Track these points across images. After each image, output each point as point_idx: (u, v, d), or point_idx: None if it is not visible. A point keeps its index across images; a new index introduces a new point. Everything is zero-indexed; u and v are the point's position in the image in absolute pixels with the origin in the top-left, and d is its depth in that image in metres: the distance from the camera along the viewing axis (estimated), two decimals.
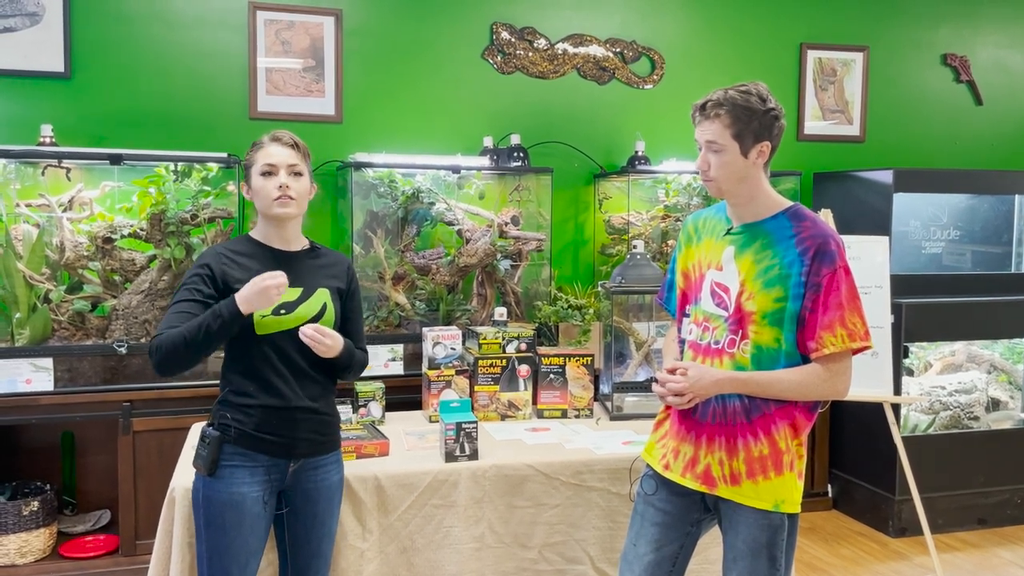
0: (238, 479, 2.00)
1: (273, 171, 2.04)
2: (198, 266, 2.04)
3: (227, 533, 1.99)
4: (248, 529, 2.01)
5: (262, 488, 2.02)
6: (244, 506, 1.99)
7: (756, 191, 1.94)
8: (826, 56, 4.54)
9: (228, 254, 2.06)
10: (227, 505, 1.99)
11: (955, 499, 3.99)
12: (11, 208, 3.25)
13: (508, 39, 4.05)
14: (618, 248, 4.06)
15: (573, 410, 3.05)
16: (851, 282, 1.86)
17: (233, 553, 2.00)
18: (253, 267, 2.03)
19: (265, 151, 2.05)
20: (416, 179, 3.68)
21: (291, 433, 2.04)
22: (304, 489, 2.10)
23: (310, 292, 2.08)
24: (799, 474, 1.92)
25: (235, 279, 2.01)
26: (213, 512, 2.00)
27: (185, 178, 3.34)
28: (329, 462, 2.14)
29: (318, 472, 2.11)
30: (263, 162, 2.04)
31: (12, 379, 3.16)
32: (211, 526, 2.00)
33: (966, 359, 4.16)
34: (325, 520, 2.14)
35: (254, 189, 2.07)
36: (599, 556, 2.54)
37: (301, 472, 2.08)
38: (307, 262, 2.12)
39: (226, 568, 2.01)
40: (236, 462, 2.01)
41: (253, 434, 2.01)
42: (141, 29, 3.61)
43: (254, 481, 2.01)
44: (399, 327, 3.65)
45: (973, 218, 4.30)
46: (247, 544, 2.01)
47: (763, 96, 1.89)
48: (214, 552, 2.01)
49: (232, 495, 1.99)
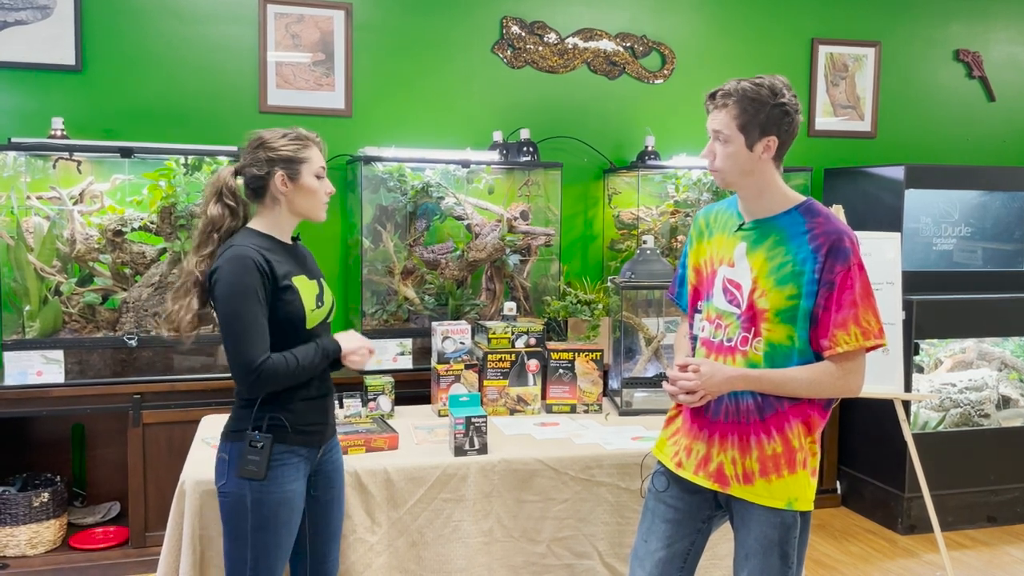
0: (288, 477, 1.98)
1: (324, 175, 2.07)
2: (249, 270, 1.91)
3: (278, 532, 1.97)
4: (295, 524, 2.03)
5: (304, 481, 2.04)
6: (295, 503, 2.00)
7: (766, 186, 1.92)
8: (837, 51, 4.52)
9: (260, 250, 1.96)
10: (280, 504, 1.96)
11: (965, 497, 3.97)
12: (22, 201, 3.26)
13: (518, 33, 4.04)
14: (627, 243, 4.05)
15: (582, 405, 3.05)
16: (865, 279, 1.85)
17: (282, 551, 2.00)
18: (285, 261, 2.00)
19: (318, 154, 2.06)
20: (425, 173, 3.68)
21: (324, 420, 2.09)
22: (325, 472, 2.13)
23: (321, 282, 2.11)
24: (812, 472, 1.91)
25: (281, 274, 1.96)
26: (266, 514, 1.95)
27: (195, 171, 3.35)
28: (335, 442, 2.20)
29: (333, 453, 2.17)
30: (319, 164, 2.05)
31: (23, 371, 3.17)
32: (262, 528, 1.95)
33: (977, 356, 4.14)
34: (339, 500, 2.19)
35: (306, 186, 2.01)
36: (608, 551, 2.54)
37: (322, 456, 2.11)
38: (304, 253, 2.15)
39: (271, 567, 1.99)
40: (283, 460, 1.97)
41: (300, 428, 2.00)
42: (152, 22, 3.61)
43: (299, 476, 2.01)
44: (407, 321, 3.65)
45: (985, 215, 4.27)
46: (292, 539, 2.03)
47: (775, 90, 1.86)
48: (261, 553, 1.96)
49: (285, 493, 1.97)
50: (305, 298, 2.00)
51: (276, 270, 1.95)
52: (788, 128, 1.89)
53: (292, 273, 2.00)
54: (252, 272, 1.91)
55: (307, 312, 1.99)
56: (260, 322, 1.91)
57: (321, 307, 2.05)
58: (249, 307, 1.90)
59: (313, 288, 2.04)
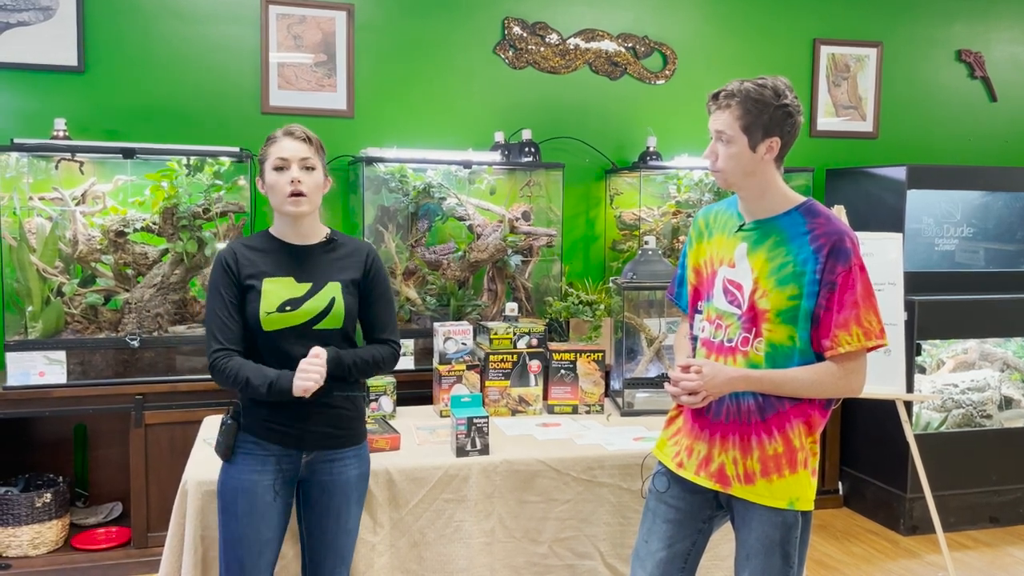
0: (249, 466, 2.03)
1: (285, 165, 2.02)
2: (215, 266, 2.06)
3: (239, 520, 2.02)
4: (259, 517, 2.02)
5: (272, 477, 2.04)
6: (255, 493, 2.02)
7: (767, 186, 1.92)
8: (839, 52, 4.52)
9: (241, 250, 2.07)
10: (239, 491, 2.02)
11: (967, 497, 3.97)
12: (25, 201, 3.27)
13: (520, 34, 4.04)
14: (629, 244, 4.05)
15: (584, 406, 3.05)
16: (866, 280, 1.85)
17: (247, 543, 2.02)
18: (264, 263, 2.04)
19: (278, 145, 2.04)
20: (427, 174, 3.68)
21: (303, 425, 2.04)
22: (320, 481, 2.09)
23: (319, 287, 2.05)
24: (813, 472, 1.91)
25: (246, 275, 2.03)
26: (228, 498, 2.04)
27: (197, 172, 3.35)
28: (347, 456, 2.11)
29: (334, 465, 2.10)
30: (275, 156, 2.03)
31: (25, 372, 3.17)
32: (226, 512, 2.05)
33: (979, 357, 4.14)
34: (340, 514, 2.11)
35: (268, 184, 2.06)
36: (609, 552, 2.54)
37: (316, 464, 2.08)
38: (321, 256, 2.09)
39: (239, 557, 2.03)
40: (248, 449, 2.04)
41: (264, 424, 2.03)
42: (154, 23, 3.62)
43: (265, 469, 2.03)
44: (409, 322, 3.66)
45: (987, 215, 4.27)
46: (259, 533, 2.03)
47: (779, 91, 1.86)
48: (228, 539, 2.04)
49: (243, 481, 2.02)
50: (265, 301, 2.00)
51: (243, 270, 2.03)
52: (791, 129, 1.89)
53: (267, 274, 2.02)
54: (218, 269, 2.04)
55: (261, 314, 1.99)
56: (219, 317, 2.01)
57: (288, 312, 2.00)
58: (211, 301, 2.04)
59: (290, 292, 2.01)
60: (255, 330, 2.03)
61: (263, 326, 2.01)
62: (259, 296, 2.01)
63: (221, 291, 2.03)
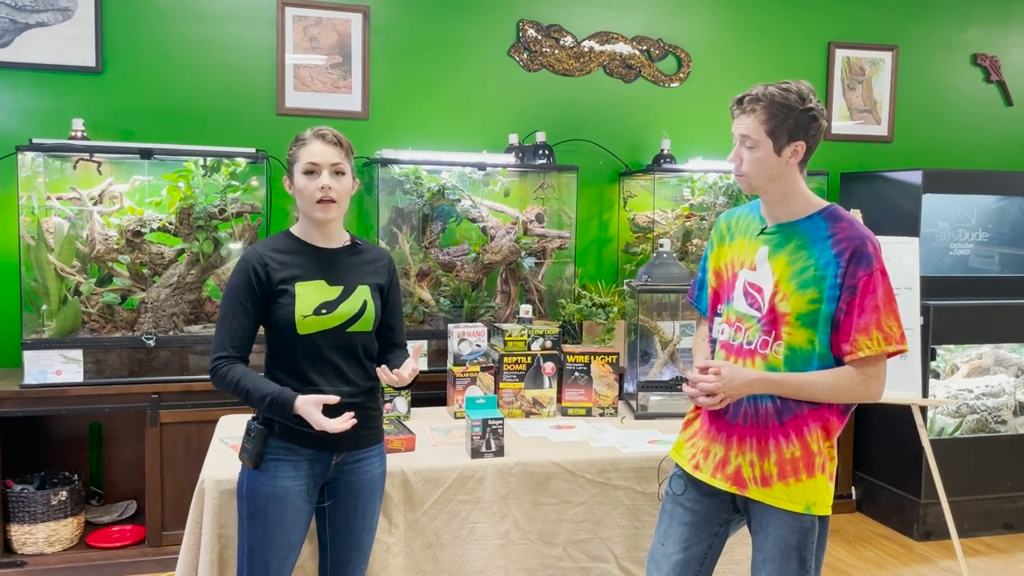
0: (283, 473, 2.00)
1: (316, 170, 1.99)
2: (240, 271, 2.00)
3: (270, 526, 2.00)
4: (290, 523, 2.01)
5: (306, 482, 2.03)
6: (287, 500, 2.00)
7: (790, 190, 1.92)
8: (854, 55, 4.51)
9: (269, 253, 2.02)
10: (271, 498, 1.99)
11: (981, 503, 3.95)
12: (43, 201, 3.29)
13: (534, 36, 4.05)
14: (642, 247, 4.05)
15: (598, 408, 3.05)
16: (887, 285, 1.84)
17: (274, 546, 2.01)
18: (294, 265, 2.02)
19: (308, 148, 2.00)
20: (441, 176, 3.69)
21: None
22: (347, 481, 2.10)
23: (351, 290, 2.05)
24: (830, 476, 1.91)
25: (279, 279, 1.99)
26: (257, 505, 2.00)
27: (214, 173, 3.37)
28: (372, 455, 2.13)
29: (361, 464, 2.11)
30: (306, 160, 2.00)
31: (43, 370, 3.19)
32: (254, 519, 2.01)
33: (993, 362, 4.11)
34: (366, 512, 2.13)
35: (297, 187, 2.03)
36: (624, 554, 2.53)
37: (344, 465, 2.09)
38: (348, 259, 2.09)
39: (266, 561, 2.02)
40: (280, 456, 2.01)
41: (296, 428, 1.99)
42: (171, 24, 3.64)
43: (298, 475, 2.01)
44: (423, 323, 3.66)
45: (1002, 220, 4.25)
46: (288, 538, 2.02)
47: (803, 95, 1.86)
48: (255, 544, 2.02)
49: (276, 488, 1.99)
50: (301, 304, 1.99)
51: (273, 274, 1.99)
52: (815, 133, 1.89)
53: (299, 278, 2.01)
54: (242, 273, 1.99)
55: (297, 317, 1.98)
56: (231, 322, 1.98)
57: (324, 315, 2.00)
58: (227, 305, 2.00)
59: (324, 295, 2.00)
60: (285, 333, 1.99)
61: (298, 329, 1.98)
62: (293, 299, 1.99)
63: (241, 298, 1.98)
